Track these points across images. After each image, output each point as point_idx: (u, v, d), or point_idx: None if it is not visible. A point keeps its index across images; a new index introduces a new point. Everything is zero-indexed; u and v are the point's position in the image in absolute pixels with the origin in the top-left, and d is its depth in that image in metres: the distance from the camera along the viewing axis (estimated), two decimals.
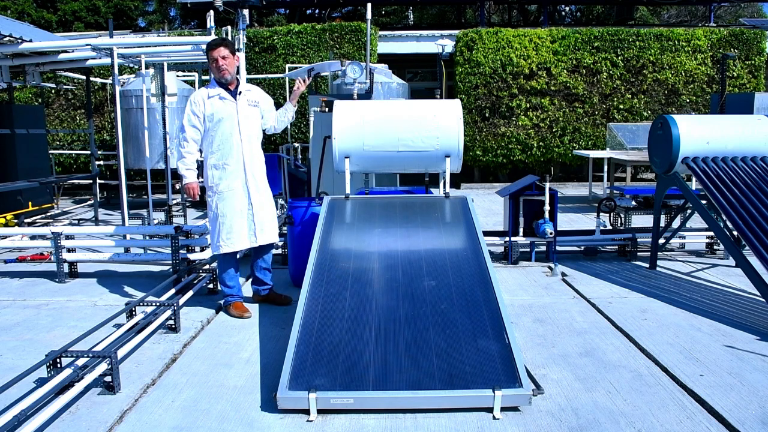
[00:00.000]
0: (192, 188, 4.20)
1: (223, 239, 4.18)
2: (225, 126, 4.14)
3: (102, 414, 2.88)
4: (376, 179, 5.83)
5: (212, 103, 4.13)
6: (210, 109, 4.12)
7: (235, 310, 4.29)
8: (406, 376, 2.90)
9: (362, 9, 19.54)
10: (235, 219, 4.18)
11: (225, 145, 4.15)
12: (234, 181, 4.17)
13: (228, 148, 4.15)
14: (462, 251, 3.88)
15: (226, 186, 4.17)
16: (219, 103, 4.14)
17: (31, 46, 6.57)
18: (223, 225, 4.18)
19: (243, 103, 4.20)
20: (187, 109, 4.17)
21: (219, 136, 4.15)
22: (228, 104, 4.15)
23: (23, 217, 7.89)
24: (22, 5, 19.05)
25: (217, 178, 4.18)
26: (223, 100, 4.15)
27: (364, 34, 12.30)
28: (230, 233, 4.17)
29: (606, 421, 2.78)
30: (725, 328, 3.94)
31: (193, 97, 4.18)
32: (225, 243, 4.18)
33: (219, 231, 4.19)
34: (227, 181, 4.16)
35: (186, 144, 4.17)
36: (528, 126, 12.31)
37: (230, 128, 4.15)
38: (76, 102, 12.80)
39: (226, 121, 4.13)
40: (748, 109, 9.09)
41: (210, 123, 4.14)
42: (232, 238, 4.18)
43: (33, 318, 4.34)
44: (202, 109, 4.13)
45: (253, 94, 4.32)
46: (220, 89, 4.17)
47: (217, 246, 4.22)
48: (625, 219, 6.48)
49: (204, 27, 14.69)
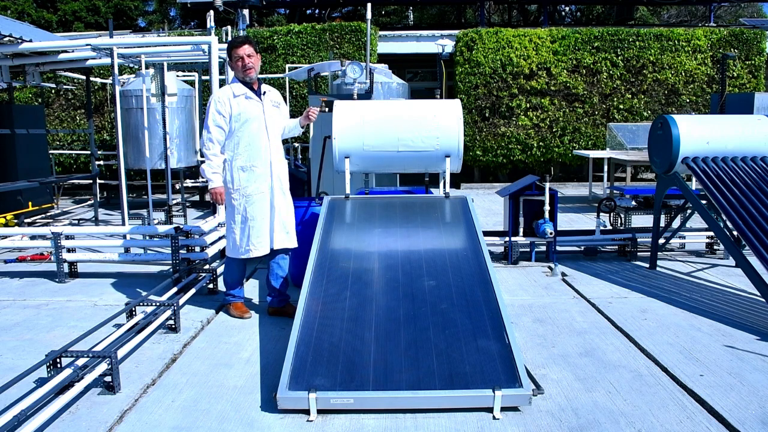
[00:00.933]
0: (219, 193, 4.04)
1: (252, 243, 4.06)
2: (252, 127, 4.00)
3: (102, 414, 2.88)
4: (376, 179, 5.82)
5: (238, 102, 3.98)
6: (237, 108, 3.97)
7: (235, 310, 4.26)
8: (406, 376, 2.90)
9: (362, 9, 19.55)
10: (264, 222, 4.07)
11: (252, 146, 4.01)
12: (262, 184, 4.05)
13: (256, 150, 4.02)
14: (462, 251, 3.88)
15: (254, 189, 4.04)
16: (246, 103, 3.99)
17: (31, 46, 6.57)
18: (252, 229, 4.05)
19: (268, 104, 4.09)
20: (210, 109, 3.99)
21: (246, 137, 4.00)
22: (254, 104, 4.02)
23: (23, 217, 7.89)
24: (22, 5, 19.05)
25: (245, 181, 4.03)
26: (249, 99, 4.01)
27: (364, 34, 12.30)
28: (260, 237, 4.06)
29: (606, 421, 2.78)
30: (725, 328, 3.94)
31: (218, 97, 4.01)
32: (254, 247, 4.06)
33: (248, 235, 4.05)
34: (256, 184, 4.04)
35: (212, 146, 4.00)
36: (528, 126, 12.31)
37: (257, 129, 4.02)
38: (76, 102, 12.80)
39: (253, 121, 4.00)
40: (748, 109, 9.09)
41: (236, 123, 3.98)
42: (262, 241, 4.07)
43: (33, 318, 4.34)
44: (227, 109, 3.97)
45: (273, 94, 4.21)
46: (246, 88, 4.02)
47: (246, 250, 4.08)
48: (625, 219, 6.48)
49: (204, 27, 14.68)
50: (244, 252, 4.10)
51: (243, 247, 4.10)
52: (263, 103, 4.06)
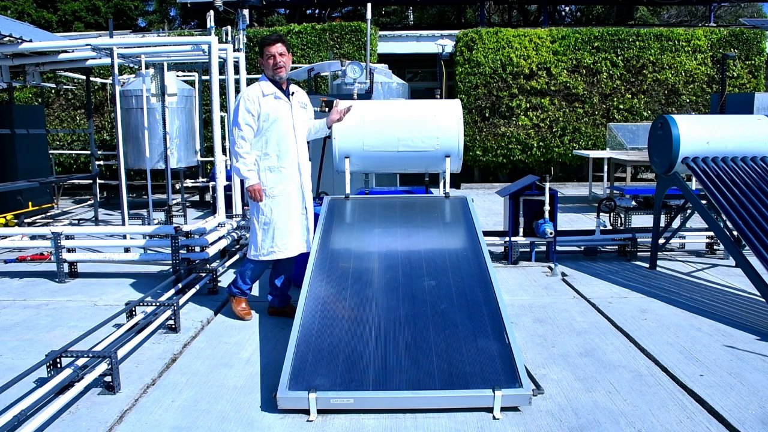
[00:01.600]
0: (257, 190, 3.95)
1: (276, 245, 4.01)
2: (281, 127, 3.96)
3: (102, 414, 2.88)
4: (376, 179, 5.83)
5: (268, 102, 3.93)
6: (266, 108, 3.91)
7: (237, 305, 4.20)
8: (406, 376, 2.90)
9: (362, 9, 19.54)
10: (291, 224, 4.03)
11: (281, 147, 3.97)
12: (290, 185, 4.02)
13: (284, 151, 3.98)
14: (462, 251, 3.89)
15: (281, 190, 4.00)
16: (275, 103, 3.95)
17: (31, 46, 6.56)
18: (278, 230, 4.00)
19: (296, 104, 4.05)
20: (240, 107, 3.92)
21: (275, 137, 3.96)
22: (283, 104, 3.98)
23: (23, 217, 7.89)
24: (22, 5, 19.06)
25: (272, 182, 3.98)
26: (278, 99, 3.96)
27: (364, 34, 12.30)
28: (284, 239, 4.01)
29: (606, 421, 2.78)
30: (725, 328, 3.94)
31: (247, 95, 3.94)
32: (279, 249, 4.01)
33: (273, 236, 4.00)
34: (283, 185, 4.00)
35: (243, 143, 3.92)
36: (528, 126, 12.31)
37: (286, 129, 3.98)
38: (76, 102, 12.80)
39: (282, 121, 3.96)
40: (748, 109, 9.09)
41: (265, 123, 3.93)
42: (287, 243, 4.02)
43: (33, 318, 4.34)
44: (257, 108, 3.91)
45: (301, 95, 4.16)
46: (275, 88, 3.97)
47: (270, 251, 4.02)
48: (625, 219, 6.48)
49: (204, 27, 14.67)
50: (267, 253, 4.04)
51: (266, 248, 4.03)
52: (291, 103, 4.02)
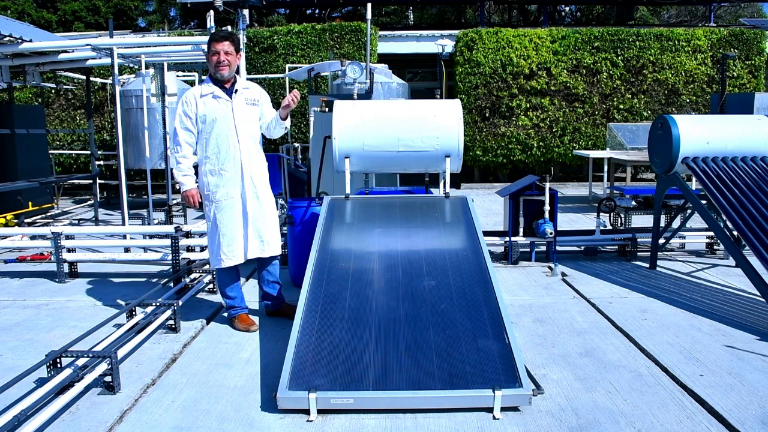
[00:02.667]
0: (191, 195, 3.86)
1: (224, 252, 3.87)
2: (220, 127, 3.80)
3: (102, 414, 2.88)
4: (376, 179, 5.83)
5: (205, 102, 3.80)
6: (202, 108, 3.79)
7: (240, 323, 4.02)
8: (406, 376, 2.90)
9: (362, 9, 19.54)
10: (236, 230, 3.88)
11: (221, 148, 3.81)
12: (232, 189, 3.85)
13: (224, 152, 3.81)
14: (462, 251, 3.88)
15: (223, 194, 3.84)
16: (212, 103, 3.80)
17: (31, 46, 6.57)
18: (224, 237, 3.86)
19: (239, 102, 3.86)
20: (178, 110, 3.84)
21: (213, 138, 3.81)
22: (222, 103, 3.82)
23: (23, 217, 7.89)
24: (22, 5, 19.05)
25: (214, 186, 3.85)
26: (217, 98, 3.81)
27: (364, 34, 12.29)
28: (231, 245, 3.87)
29: (606, 421, 2.78)
30: (725, 328, 3.94)
31: (185, 97, 3.85)
32: (227, 256, 3.88)
33: (219, 243, 3.88)
34: (225, 189, 3.84)
35: (179, 148, 3.82)
36: (528, 126, 12.31)
37: (226, 130, 3.81)
38: (76, 102, 12.79)
39: (220, 122, 3.80)
40: (748, 109, 9.08)
41: (203, 124, 3.81)
42: (234, 250, 3.88)
43: (33, 318, 4.34)
44: (194, 109, 3.80)
45: (251, 92, 3.97)
46: (215, 87, 3.83)
47: (218, 260, 3.91)
48: (625, 219, 6.48)
49: (204, 27, 14.68)
50: (217, 262, 3.92)
51: (215, 256, 3.93)
52: (233, 102, 3.84)
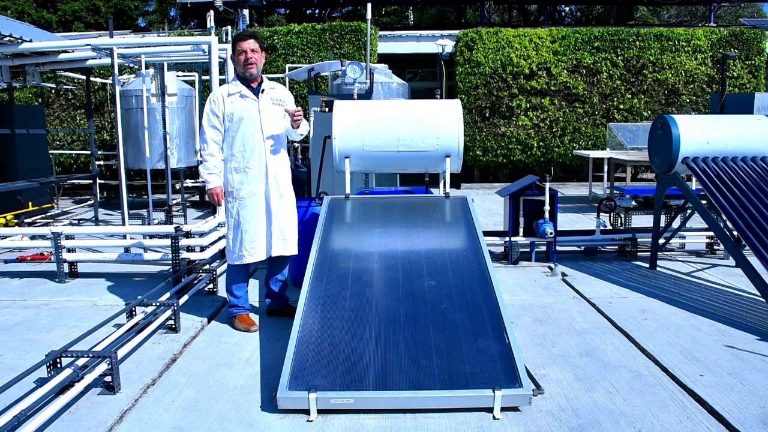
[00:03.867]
0: (216, 194, 3.93)
1: (246, 249, 3.93)
2: (246, 126, 3.90)
3: (102, 414, 2.88)
4: (376, 179, 5.82)
5: (232, 101, 3.90)
6: (230, 107, 3.89)
7: (241, 323, 4.04)
8: (406, 376, 2.90)
9: (362, 9, 19.54)
10: (258, 227, 3.94)
11: (246, 147, 3.91)
12: (256, 186, 3.93)
13: (250, 151, 3.91)
14: (462, 251, 3.88)
15: (248, 191, 3.93)
16: (240, 102, 3.90)
17: (31, 46, 6.56)
18: (246, 233, 3.93)
19: (266, 102, 3.96)
20: (206, 108, 3.93)
21: (240, 137, 3.90)
22: (249, 103, 3.92)
23: (23, 217, 7.89)
24: (22, 5, 19.05)
25: (238, 183, 3.93)
26: (244, 98, 3.91)
27: (364, 34, 12.30)
28: (253, 242, 3.94)
29: (606, 421, 2.78)
30: (725, 328, 3.94)
31: (213, 95, 3.94)
32: (248, 253, 3.93)
33: (241, 240, 3.94)
34: (249, 186, 3.92)
35: (206, 146, 3.92)
36: (528, 126, 12.31)
37: (252, 129, 3.91)
38: (76, 102, 12.79)
39: (247, 120, 3.90)
40: (748, 109, 9.08)
41: (230, 123, 3.91)
42: (256, 247, 3.94)
43: (33, 318, 4.34)
44: (221, 108, 3.90)
45: (277, 92, 4.06)
46: (242, 86, 3.93)
47: (240, 256, 3.95)
48: (625, 219, 6.48)
49: (204, 27, 14.68)
50: (237, 258, 3.98)
51: (236, 252, 3.98)
52: (260, 101, 3.94)
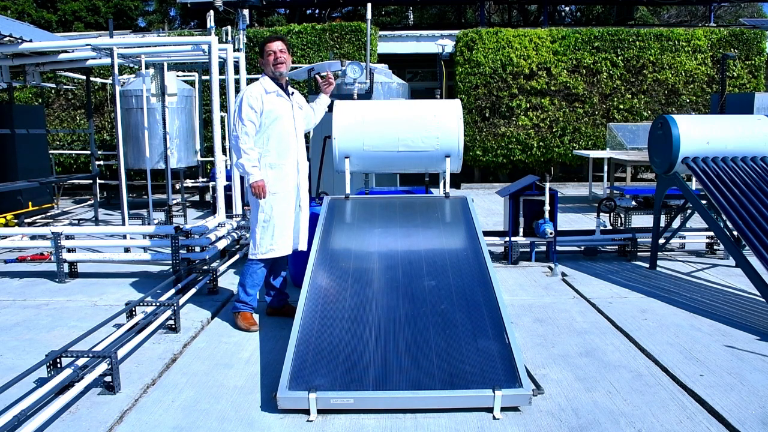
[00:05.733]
0: (261, 186, 3.91)
1: (276, 242, 4.01)
2: (283, 124, 4.01)
3: (102, 414, 2.88)
4: (376, 179, 5.82)
5: (270, 99, 3.98)
6: (268, 105, 3.96)
7: (243, 321, 4.06)
8: (406, 376, 2.90)
9: (362, 9, 19.54)
10: (287, 222, 4.06)
11: (282, 144, 4.01)
12: (289, 183, 4.06)
13: (285, 148, 4.02)
14: (462, 251, 3.88)
15: (281, 187, 4.02)
16: (277, 101, 4.00)
17: (31, 46, 6.56)
18: (277, 228, 4.01)
19: (295, 104, 4.15)
20: (243, 103, 3.93)
21: (276, 134, 3.99)
22: (285, 102, 4.04)
23: (23, 217, 7.88)
24: (22, 5, 19.05)
25: (273, 179, 3.99)
26: (280, 97, 4.03)
27: (364, 34, 12.29)
28: (283, 236, 4.04)
29: (606, 421, 2.78)
30: (725, 328, 3.94)
31: (250, 92, 3.98)
32: (278, 246, 4.02)
33: (272, 234, 4.01)
34: (283, 182, 4.03)
35: (247, 139, 3.92)
36: (528, 126, 12.31)
37: (288, 127, 4.04)
38: (76, 102, 12.79)
39: (283, 119, 4.01)
40: (748, 109, 9.08)
41: (267, 120, 3.96)
42: (285, 241, 4.06)
43: (33, 318, 4.34)
44: (260, 105, 3.94)
45: (298, 96, 4.26)
46: (277, 86, 4.04)
47: (269, 249, 4.01)
48: (625, 219, 6.48)
49: (204, 27, 14.67)
50: (266, 251, 4.03)
51: (265, 246, 4.03)
52: (293, 101, 4.11)
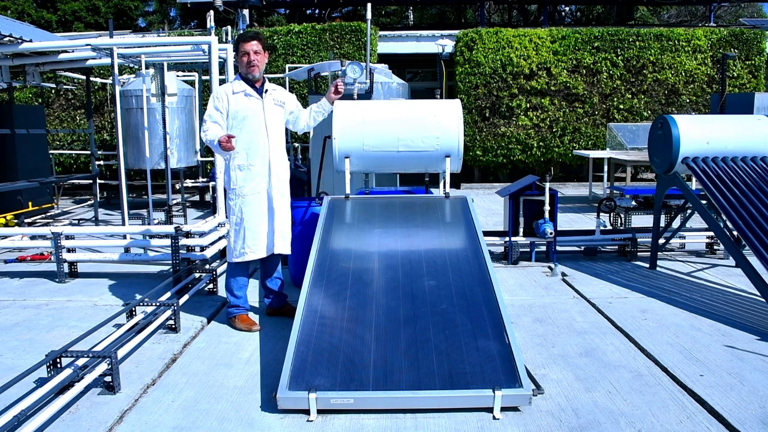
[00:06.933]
0: (223, 140, 3.71)
1: (248, 246, 3.95)
2: (251, 124, 3.92)
3: (102, 414, 2.88)
4: (376, 179, 5.82)
5: (237, 99, 3.90)
6: (235, 105, 3.89)
7: (241, 323, 4.04)
8: (406, 376, 2.90)
9: (362, 9, 19.54)
10: (260, 225, 3.97)
11: (251, 145, 3.92)
12: (259, 184, 3.96)
13: (255, 149, 3.93)
14: (462, 251, 3.88)
15: (251, 189, 3.94)
16: (245, 100, 3.91)
17: (31, 46, 6.56)
18: (248, 230, 3.95)
19: (269, 102, 4.00)
20: (209, 105, 3.92)
21: (245, 135, 3.91)
22: (254, 102, 3.94)
23: (23, 217, 7.88)
24: (22, 5, 19.05)
25: (242, 180, 3.94)
26: (248, 97, 3.93)
27: (364, 34, 12.30)
28: (255, 239, 3.96)
29: (606, 421, 2.78)
30: (725, 328, 3.94)
31: (216, 93, 3.94)
32: (250, 249, 3.95)
33: (243, 237, 3.95)
34: (253, 184, 3.94)
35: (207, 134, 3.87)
36: (528, 126, 12.31)
37: (257, 127, 3.93)
38: (76, 102, 12.79)
39: (252, 119, 3.92)
40: (748, 109, 9.08)
41: (234, 121, 3.90)
42: (258, 244, 3.97)
43: (33, 318, 4.34)
44: (225, 105, 3.90)
45: (278, 93, 4.11)
46: (246, 85, 3.94)
47: (241, 253, 3.97)
48: (625, 219, 6.48)
49: (204, 27, 14.67)
50: (239, 255, 3.99)
51: (238, 249, 3.99)
52: (264, 101, 3.97)
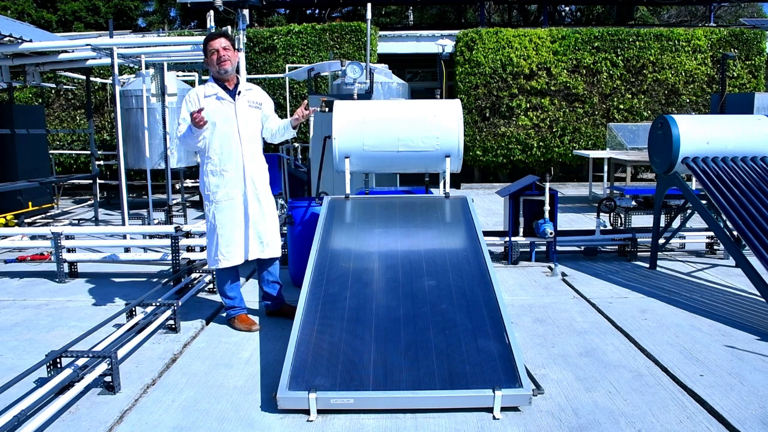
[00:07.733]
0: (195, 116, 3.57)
1: (221, 253, 3.89)
2: (223, 129, 3.82)
3: (102, 414, 2.88)
4: (376, 179, 5.82)
5: (208, 102, 3.79)
6: (206, 109, 3.74)
7: (241, 323, 4.02)
8: (406, 376, 2.90)
9: (362, 9, 19.54)
10: (234, 231, 3.89)
11: (223, 149, 3.83)
12: (233, 190, 3.86)
13: (227, 154, 3.83)
14: (462, 251, 3.88)
15: (224, 195, 3.86)
16: (216, 104, 3.81)
17: (31, 46, 6.57)
18: (222, 237, 3.88)
19: (243, 104, 3.89)
20: (182, 109, 3.84)
21: (216, 140, 3.82)
22: (226, 105, 3.83)
23: (23, 217, 7.89)
24: (22, 5, 19.05)
25: (215, 186, 3.86)
26: (220, 100, 3.83)
27: (364, 34, 12.30)
28: (229, 246, 3.89)
29: (606, 421, 2.78)
30: (725, 328, 3.94)
31: (188, 96, 3.86)
32: (224, 257, 3.89)
33: (217, 244, 3.89)
34: (225, 190, 3.86)
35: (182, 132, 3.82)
36: (528, 126, 12.31)
37: (229, 131, 3.83)
38: (76, 102, 12.80)
39: (223, 123, 3.82)
40: (748, 109, 9.09)
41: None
42: (232, 251, 3.90)
43: (33, 318, 4.34)
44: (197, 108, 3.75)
45: (254, 94, 4.00)
46: (218, 88, 3.85)
47: (215, 260, 3.92)
48: (625, 219, 6.48)
49: (204, 27, 14.68)
50: (213, 262, 3.94)
51: (212, 256, 3.94)
52: (236, 103, 3.87)
